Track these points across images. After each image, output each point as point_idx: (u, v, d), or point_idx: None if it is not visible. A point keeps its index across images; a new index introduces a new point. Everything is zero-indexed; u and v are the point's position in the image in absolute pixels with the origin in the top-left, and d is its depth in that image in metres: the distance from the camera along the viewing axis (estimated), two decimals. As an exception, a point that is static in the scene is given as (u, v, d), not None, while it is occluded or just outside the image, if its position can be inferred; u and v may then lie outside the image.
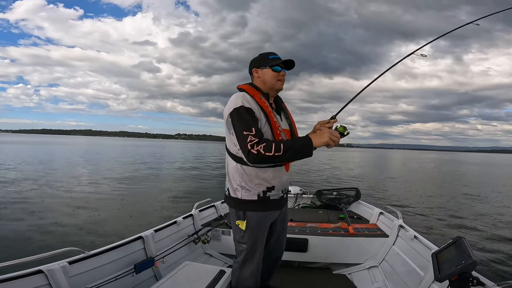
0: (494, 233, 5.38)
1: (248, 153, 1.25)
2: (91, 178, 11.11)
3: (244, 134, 1.27)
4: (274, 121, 1.40)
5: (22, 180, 9.88)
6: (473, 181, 15.39)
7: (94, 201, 7.15)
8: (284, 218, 1.65)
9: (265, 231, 1.51)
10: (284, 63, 1.50)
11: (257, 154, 1.23)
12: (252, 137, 1.26)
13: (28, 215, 5.64)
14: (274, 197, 1.45)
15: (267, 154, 1.23)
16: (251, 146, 1.24)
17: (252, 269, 1.50)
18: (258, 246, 1.49)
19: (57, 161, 17.97)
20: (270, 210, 1.48)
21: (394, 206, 3.04)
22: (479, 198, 9.54)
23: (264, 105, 1.41)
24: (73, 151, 31.29)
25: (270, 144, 1.25)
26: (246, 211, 1.44)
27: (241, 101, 1.36)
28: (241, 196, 1.42)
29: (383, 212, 2.81)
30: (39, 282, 1.37)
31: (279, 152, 1.23)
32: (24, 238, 4.36)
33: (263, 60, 1.50)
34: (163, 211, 6.37)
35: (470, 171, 24.37)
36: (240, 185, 1.42)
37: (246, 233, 1.46)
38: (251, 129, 1.28)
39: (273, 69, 1.47)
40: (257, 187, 1.41)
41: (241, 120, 1.32)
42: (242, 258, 1.51)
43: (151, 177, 12.24)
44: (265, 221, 1.49)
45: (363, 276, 2.25)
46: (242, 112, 1.33)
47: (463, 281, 1.09)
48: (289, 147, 1.25)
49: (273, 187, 1.43)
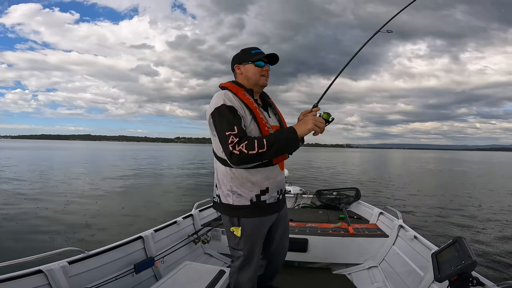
0: (494, 233, 5.38)
1: (231, 154, 1.17)
2: (91, 180, 11.13)
3: (225, 135, 1.20)
4: (260, 117, 1.31)
5: (22, 182, 9.89)
6: (473, 180, 15.37)
7: (94, 201, 7.16)
8: (285, 219, 1.60)
9: (262, 236, 1.44)
10: (267, 57, 1.41)
11: (240, 154, 1.16)
12: (233, 137, 1.18)
13: (28, 216, 5.64)
14: (270, 200, 1.37)
15: (250, 152, 1.15)
16: (233, 146, 1.17)
17: (249, 275, 1.45)
18: (255, 252, 1.43)
19: (56, 165, 18.00)
20: (266, 215, 1.39)
21: (394, 206, 3.03)
22: (479, 197, 9.54)
23: (248, 102, 1.32)
24: (72, 155, 31.32)
25: (252, 141, 1.17)
26: (240, 217, 1.35)
27: (223, 99, 1.27)
28: (232, 201, 1.33)
29: (383, 212, 2.81)
30: (39, 282, 1.37)
31: (263, 148, 1.16)
32: (24, 238, 4.36)
33: (245, 55, 1.41)
34: (163, 211, 6.37)
35: (470, 169, 24.29)
36: (231, 190, 1.33)
37: (242, 240, 1.38)
38: (233, 128, 1.20)
39: (256, 64, 1.38)
40: (249, 191, 1.32)
41: (223, 120, 1.23)
42: (239, 264, 1.45)
43: (151, 178, 12.25)
44: (261, 227, 1.41)
45: (363, 276, 2.25)
46: (223, 111, 1.24)
47: (463, 281, 1.09)
48: (273, 141, 1.17)
49: (267, 189, 1.35)
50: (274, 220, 1.47)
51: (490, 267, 3.71)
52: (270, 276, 1.74)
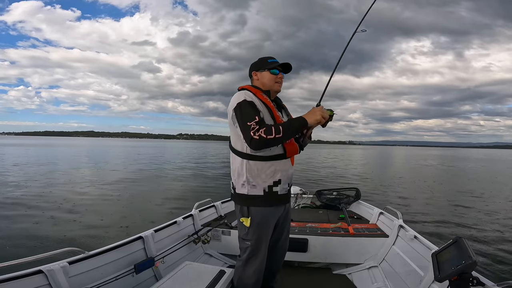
0: (495, 233, 5.37)
1: (251, 140, 1.32)
2: (91, 179, 11.12)
3: (247, 124, 1.35)
4: (277, 114, 1.48)
5: (23, 181, 9.89)
6: (475, 179, 15.34)
7: (94, 201, 7.15)
8: (287, 217, 1.69)
9: (270, 228, 1.54)
10: (282, 66, 1.59)
11: (259, 138, 1.31)
12: (254, 124, 1.34)
13: (28, 216, 5.64)
14: (282, 191, 1.50)
15: (269, 137, 1.31)
16: (253, 132, 1.32)
17: (255, 267, 1.53)
18: (263, 243, 1.52)
19: (58, 163, 17.99)
20: (276, 205, 1.51)
21: (395, 205, 3.04)
22: (480, 196, 9.53)
23: (266, 101, 1.49)
24: (74, 152, 31.30)
25: (270, 127, 1.33)
26: (250, 206, 1.47)
27: (244, 96, 1.44)
28: (247, 191, 1.46)
29: (383, 212, 2.81)
30: (39, 282, 1.37)
31: (279, 133, 1.33)
32: (24, 238, 4.36)
33: (262, 63, 1.58)
34: (163, 211, 6.37)
35: (473, 168, 24.07)
36: (247, 181, 1.46)
37: (250, 230, 1.49)
38: (253, 117, 1.36)
39: (271, 72, 1.55)
40: (263, 181, 1.45)
41: (244, 112, 1.39)
42: (246, 256, 1.53)
43: (151, 177, 12.23)
44: (270, 218, 1.52)
45: (363, 276, 2.25)
46: (245, 105, 1.41)
47: (463, 281, 1.09)
48: (287, 127, 1.36)
49: (279, 180, 1.47)
50: (281, 213, 1.59)
51: (490, 267, 3.71)
52: (270, 277, 1.75)
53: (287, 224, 1.71)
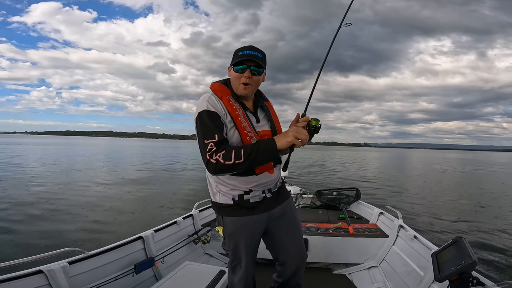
0: (495, 233, 5.38)
1: (208, 163, 1.12)
2: (91, 179, 11.12)
3: (205, 142, 1.14)
4: (242, 126, 1.23)
5: (25, 182, 9.88)
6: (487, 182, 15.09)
7: (94, 201, 7.15)
8: (288, 219, 1.44)
9: (248, 237, 1.34)
10: (248, 60, 1.21)
11: (216, 163, 1.10)
12: (212, 144, 1.12)
13: (28, 216, 5.64)
14: (254, 199, 1.29)
15: (227, 163, 1.09)
16: (210, 155, 1.11)
17: (239, 276, 1.40)
18: (241, 253, 1.34)
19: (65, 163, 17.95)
20: (249, 215, 1.30)
21: (395, 206, 3.04)
22: (481, 197, 9.52)
23: (231, 109, 1.23)
24: (97, 152, 31.50)
25: (229, 151, 1.11)
26: (223, 216, 1.33)
27: (206, 104, 1.19)
28: (218, 200, 1.31)
29: (383, 212, 2.81)
30: (39, 282, 1.37)
31: (240, 159, 1.10)
32: (24, 238, 4.36)
33: (233, 56, 1.26)
34: (163, 211, 6.37)
35: (488, 172, 22.98)
36: (218, 189, 1.31)
37: (226, 240, 1.36)
38: (213, 136, 1.14)
39: (235, 69, 1.24)
40: (232, 191, 1.28)
41: (203, 127, 1.17)
42: (230, 263, 1.42)
43: (152, 177, 12.23)
44: (245, 227, 1.32)
45: (363, 276, 2.25)
46: (204, 117, 1.18)
47: (463, 281, 1.09)
48: (249, 153, 1.11)
49: (250, 190, 1.28)
50: (266, 221, 1.36)
51: (490, 267, 3.71)
52: (291, 284, 1.55)
53: (292, 227, 1.46)
